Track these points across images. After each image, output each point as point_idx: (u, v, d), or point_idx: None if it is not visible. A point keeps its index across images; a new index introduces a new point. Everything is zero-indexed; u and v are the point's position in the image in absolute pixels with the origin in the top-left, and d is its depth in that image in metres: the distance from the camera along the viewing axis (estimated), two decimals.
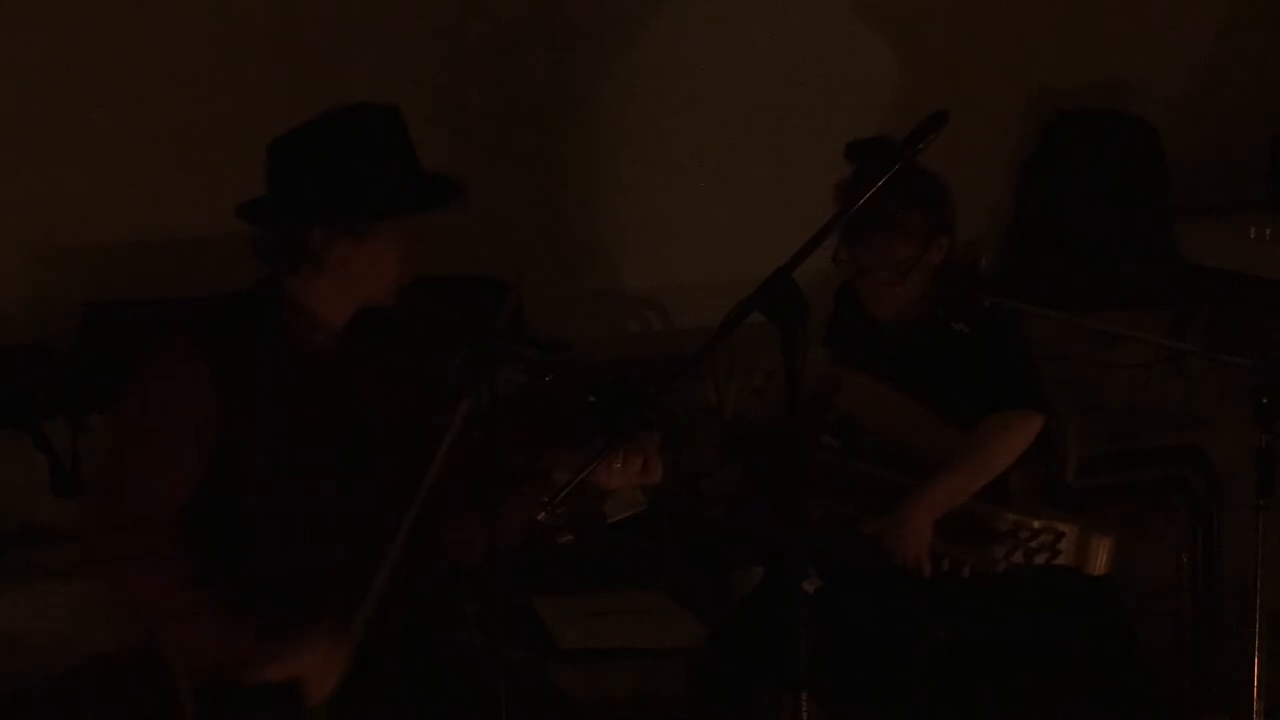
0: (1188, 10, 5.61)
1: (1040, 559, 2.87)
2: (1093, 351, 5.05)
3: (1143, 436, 5.01)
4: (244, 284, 2.67)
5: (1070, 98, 5.47)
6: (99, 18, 4.19)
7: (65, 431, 3.93)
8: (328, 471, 2.60)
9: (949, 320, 3.16)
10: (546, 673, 3.58)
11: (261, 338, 2.58)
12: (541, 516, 2.53)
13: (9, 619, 3.75)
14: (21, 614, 3.76)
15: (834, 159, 3.07)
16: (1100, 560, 2.87)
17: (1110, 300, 5.06)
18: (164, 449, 2.50)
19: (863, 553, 3.07)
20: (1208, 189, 5.56)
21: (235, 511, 2.55)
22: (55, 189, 4.16)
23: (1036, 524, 2.88)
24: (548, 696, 2.86)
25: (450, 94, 4.56)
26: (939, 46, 5.22)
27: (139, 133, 4.24)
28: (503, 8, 4.70)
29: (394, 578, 2.49)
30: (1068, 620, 3.14)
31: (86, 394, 3.93)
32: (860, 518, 3.10)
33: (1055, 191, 5.39)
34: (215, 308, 2.62)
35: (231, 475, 2.53)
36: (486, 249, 4.22)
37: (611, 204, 4.89)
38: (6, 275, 4.18)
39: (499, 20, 4.68)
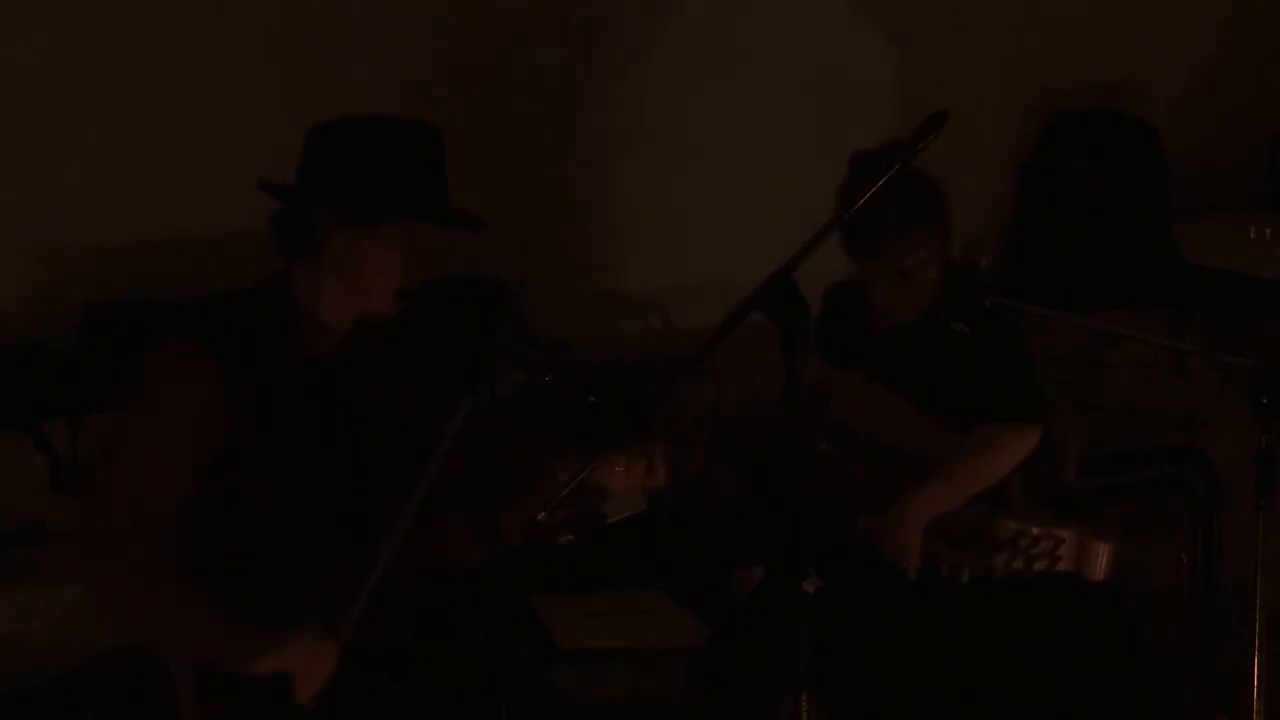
0: (1188, 10, 5.61)
1: (1040, 565, 2.87)
2: (1093, 351, 5.05)
3: (1143, 436, 5.01)
4: (244, 284, 2.66)
5: (1070, 98, 5.47)
6: (99, 18, 4.19)
7: (65, 431, 3.93)
8: (329, 472, 2.60)
9: (949, 320, 3.16)
10: (546, 673, 3.58)
11: (264, 337, 2.58)
12: (542, 516, 2.52)
13: (9, 619, 3.75)
14: (21, 614, 3.76)
15: (834, 159, 3.07)
16: (1100, 565, 2.87)
17: (1110, 300, 5.06)
18: (163, 444, 2.49)
19: (862, 554, 3.07)
20: (1208, 189, 5.56)
21: (235, 510, 2.54)
22: (55, 189, 4.16)
23: (1035, 531, 2.88)
24: (548, 696, 2.86)
25: (450, 93, 4.56)
26: (939, 46, 5.22)
27: (139, 132, 4.24)
28: (503, 8, 4.70)
29: (388, 578, 2.48)
30: (1068, 621, 3.14)
31: (86, 394, 3.93)
32: (858, 518, 3.10)
33: (1055, 191, 5.39)
34: (217, 307, 2.62)
35: (233, 475, 2.53)
36: (487, 249, 4.21)
37: (612, 204, 4.90)
38: (6, 275, 4.18)
39: (499, 20, 4.68)
